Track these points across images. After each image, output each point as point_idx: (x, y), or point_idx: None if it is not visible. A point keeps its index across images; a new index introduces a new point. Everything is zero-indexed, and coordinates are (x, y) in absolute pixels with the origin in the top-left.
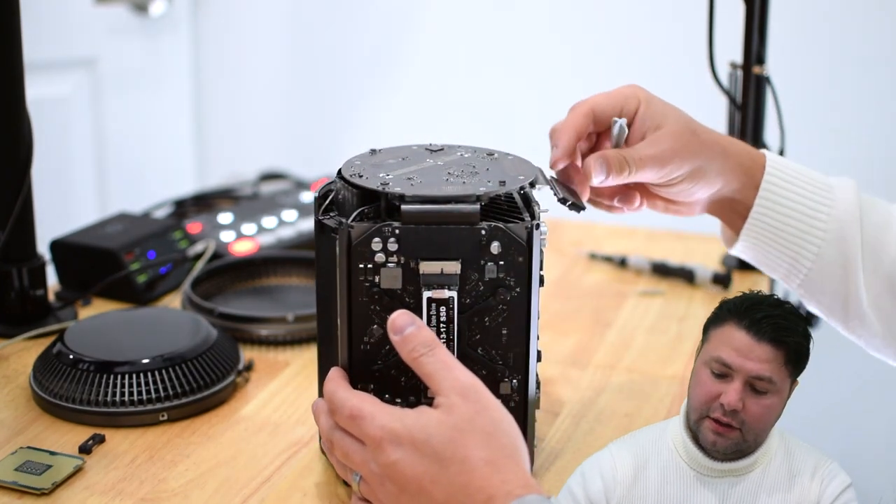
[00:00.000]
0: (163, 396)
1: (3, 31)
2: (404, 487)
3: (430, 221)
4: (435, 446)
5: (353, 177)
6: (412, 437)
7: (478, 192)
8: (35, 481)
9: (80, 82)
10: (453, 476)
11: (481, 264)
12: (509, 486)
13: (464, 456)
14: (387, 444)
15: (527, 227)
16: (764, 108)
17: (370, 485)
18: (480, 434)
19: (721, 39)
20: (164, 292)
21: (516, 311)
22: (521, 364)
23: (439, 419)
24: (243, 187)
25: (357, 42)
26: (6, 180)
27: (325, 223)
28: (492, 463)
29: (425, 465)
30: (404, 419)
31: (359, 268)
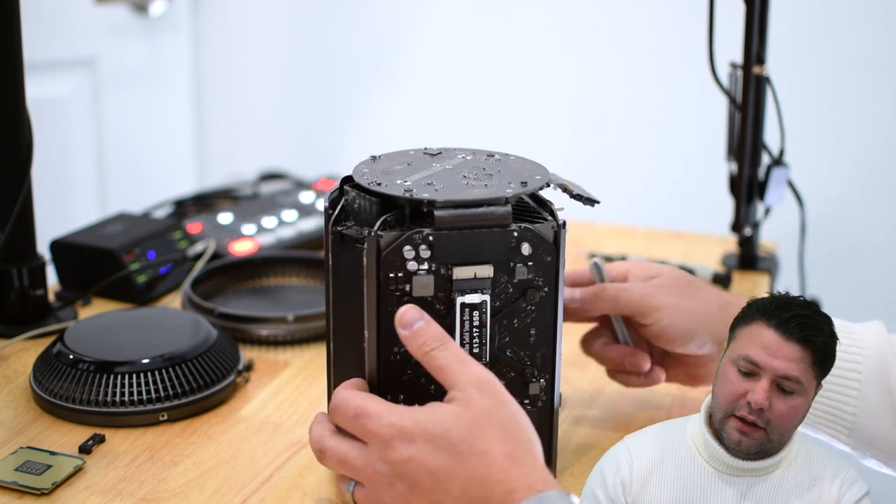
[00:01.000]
0: (163, 396)
1: (3, 31)
2: (416, 484)
3: (464, 226)
4: (452, 439)
5: (371, 184)
6: (426, 432)
7: (505, 193)
8: (35, 481)
9: (80, 82)
10: (472, 469)
11: (511, 266)
12: (530, 481)
13: (483, 449)
14: (398, 441)
15: (553, 226)
16: (764, 108)
17: (371, 490)
18: (499, 428)
19: (721, 39)
20: (164, 292)
21: (545, 311)
22: (548, 364)
23: (456, 413)
24: (243, 187)
25: (357, 42)
26: (6, 180)
27: (345, 234)
28: (511, 457)
29: (441, 460)
30: (415, 415)
31: (389, 277)
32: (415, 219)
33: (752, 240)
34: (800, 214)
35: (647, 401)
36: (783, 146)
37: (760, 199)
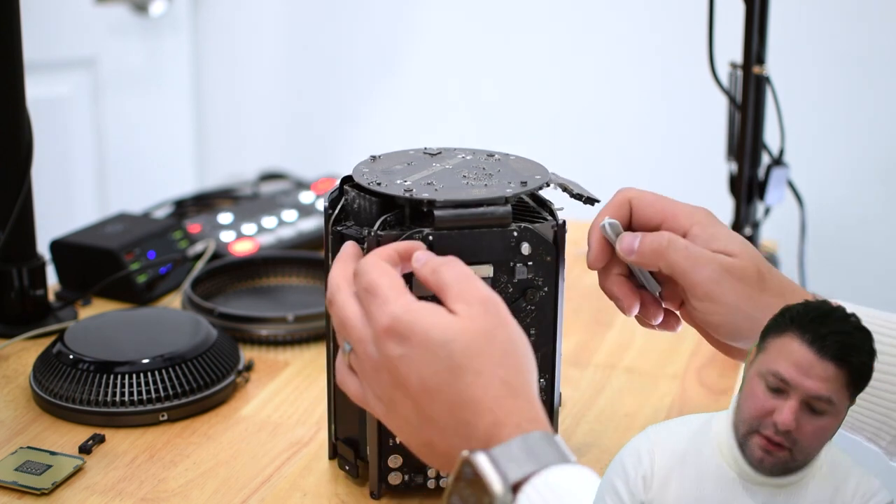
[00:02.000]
0: (163, 396)
1: (3, 31)
2: (402, 383)
3: (464, 226)
4: (452, 350)
5: (371, 184)
6: (426, 337)
7: (505, 193)
8: (35, 481)
9: (80, 82)
10: (464, 387)
11: (511, 266)
12: (518, 418)
13: (479, 368)
14: (391, 336)
15: (553, 226)
16: (764, 108)
17: (360, 366)
18: (499, 350)
19: (721, 39)
20: (164, 292)
21: (544, 310)
22: (548, 364)
23: (463, 326)
24: (243, 187)
25: (357, 42)
26: (6, 180)
27: (345, 234)
28: (506, 384)
29: (434, 368)
30: (420, 315)
31: None
32: (415, 219)
33: (752, 240)
34: (800, 214)
35: (648, 401)
36: (783, 146)
37: (760, 199)
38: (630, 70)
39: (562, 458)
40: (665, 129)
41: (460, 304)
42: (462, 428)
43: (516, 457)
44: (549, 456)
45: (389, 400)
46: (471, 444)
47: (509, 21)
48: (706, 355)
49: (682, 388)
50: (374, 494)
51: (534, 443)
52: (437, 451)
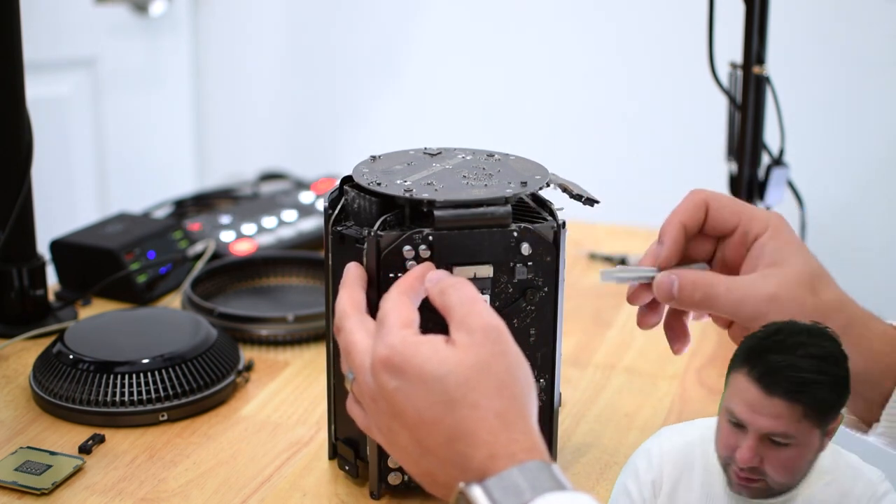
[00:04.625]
0: (163, 396)
1: (3, 31)
2: (399, 415)
3: (464, 226)
4: (447, 385)
5: (371, 184)
6: (421, 371)
7: (505, 193)
8: (35, 481)
9: (80, 82)
10: (459, 421)
11: (511, 266)
12: (514, 448)
13: (475, 402)
14: (386, 369)
15: (553, 227)
16: (764, 108)
17: (360, 394)
18: (496, 381)
19: (721, 39)
20: (164, 292)
21: (544, 310)
22: (548, 364)
23: (459, 359)
24: (243, 187)
25: (357, 42)
26: (6, 180)
27: (345, 234)
28: (502, 416)
29: (430, 402)
30: (417, 349)
31: (389, 277)
32: (415, 219)
33: None
34: (800, 214)
35: (647, 401)
36: (783, 146)
37: (760, 200)
38: (630, 70)
39: (557, 486)
40: (665, 129)
41: (461, 332)
42: (459, 459)
43: (510, 488)
44: (543, 484)
45: (388, 429)
46: (467, 475)
47: (509, 21)
48: (706, 355)
49: (682, 389)
50: (373, 494)
51: (529, 472)
52: (438, 482)
